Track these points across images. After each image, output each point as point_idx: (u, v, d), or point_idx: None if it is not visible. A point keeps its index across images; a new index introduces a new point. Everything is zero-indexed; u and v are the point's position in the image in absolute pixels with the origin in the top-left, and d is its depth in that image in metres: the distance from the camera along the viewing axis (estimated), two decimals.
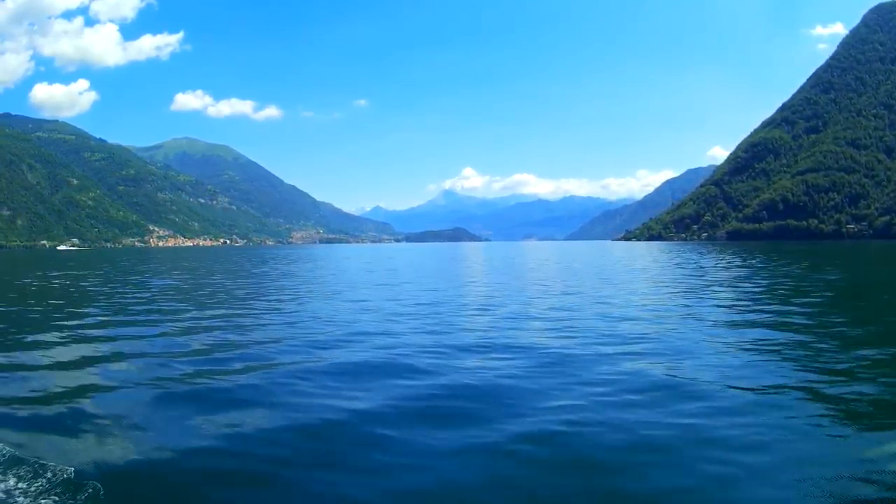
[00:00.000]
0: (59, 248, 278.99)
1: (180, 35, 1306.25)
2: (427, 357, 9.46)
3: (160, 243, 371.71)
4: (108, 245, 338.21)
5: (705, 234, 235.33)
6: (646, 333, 11.66)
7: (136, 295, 21.77)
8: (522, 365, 8.82)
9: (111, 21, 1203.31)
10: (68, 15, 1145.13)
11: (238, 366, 9.16)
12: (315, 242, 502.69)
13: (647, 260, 49.15)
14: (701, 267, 35.83)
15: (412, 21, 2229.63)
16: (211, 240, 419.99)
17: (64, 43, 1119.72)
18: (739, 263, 38.71)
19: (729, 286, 22.74)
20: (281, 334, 11.92)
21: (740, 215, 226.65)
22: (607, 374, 8.16)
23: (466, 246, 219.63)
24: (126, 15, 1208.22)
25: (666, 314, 14.53)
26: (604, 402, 6.84)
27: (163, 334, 12.48)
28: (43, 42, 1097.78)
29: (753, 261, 40.76)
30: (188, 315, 15.57)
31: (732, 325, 12.97)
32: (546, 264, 44.26)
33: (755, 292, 19.85)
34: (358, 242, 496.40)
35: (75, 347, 11.00)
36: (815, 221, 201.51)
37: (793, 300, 17.18)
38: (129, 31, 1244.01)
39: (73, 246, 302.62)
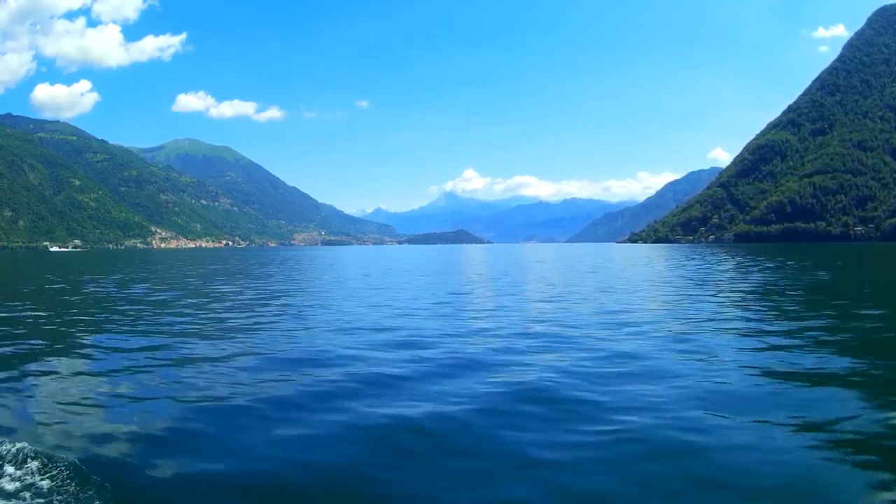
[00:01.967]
0: (51, 248, 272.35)
1: (183, 36, 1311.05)
2: None
3: (162, 245, 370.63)
4: (111, 246, 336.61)
5: (712, 237, 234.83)
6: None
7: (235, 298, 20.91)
8: None
9: (113, 22, 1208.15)
10: (70, 15, 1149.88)
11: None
12: (317, 244, 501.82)
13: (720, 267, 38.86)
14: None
15: (414, 21, 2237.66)
16: (213, 241, 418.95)
17: (66, 43, 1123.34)
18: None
19: None
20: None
21: (748, 217, 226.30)
22: None
23: (485, 248, 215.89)
24: (128, 16, 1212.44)
25: None
26: None
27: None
28: (45, 42, 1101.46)
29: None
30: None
31: None
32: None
33: None
34: (360, 244, 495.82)
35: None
36: (823, 224, 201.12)
37: None
38: (132, 31, 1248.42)
39: (75, 247, 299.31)
